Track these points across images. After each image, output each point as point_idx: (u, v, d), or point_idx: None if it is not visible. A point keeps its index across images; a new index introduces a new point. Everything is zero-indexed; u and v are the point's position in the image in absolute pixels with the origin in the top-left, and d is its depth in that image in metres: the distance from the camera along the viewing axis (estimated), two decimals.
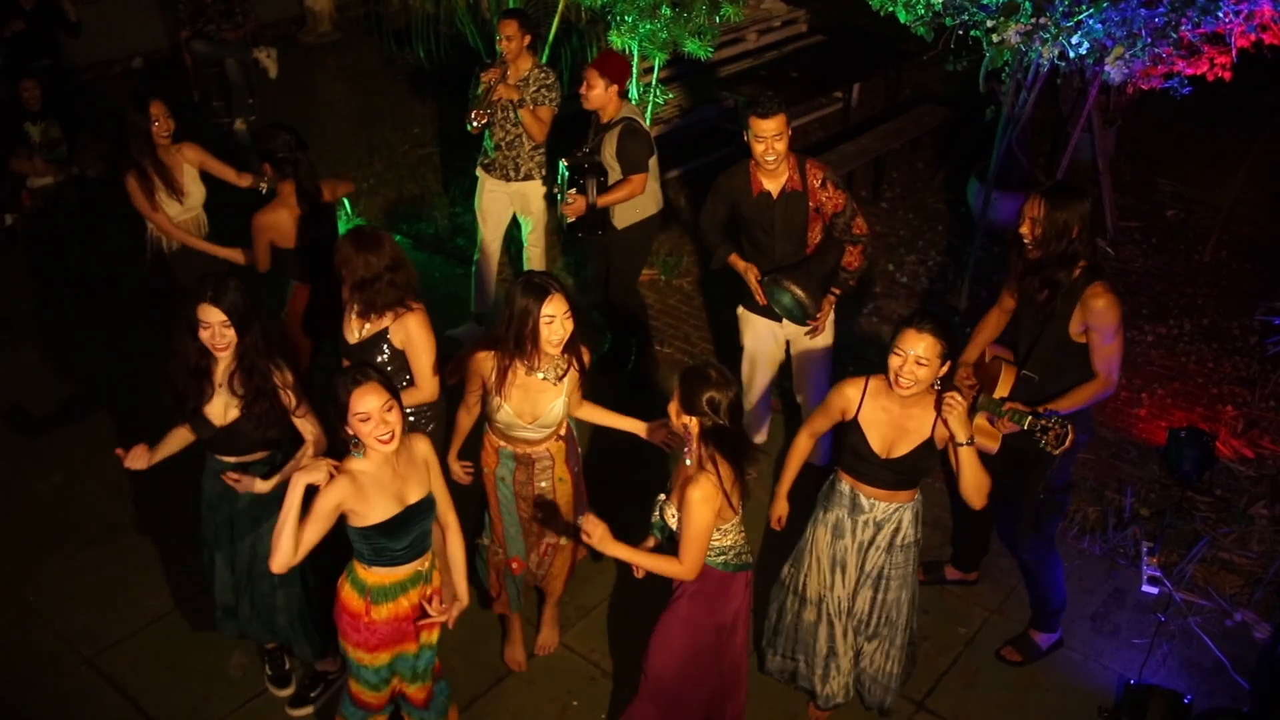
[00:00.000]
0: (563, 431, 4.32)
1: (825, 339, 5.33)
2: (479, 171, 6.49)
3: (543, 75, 6.16)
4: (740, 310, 5.46)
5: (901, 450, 3.96)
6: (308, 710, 4.57)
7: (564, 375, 4.09)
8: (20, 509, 5.58)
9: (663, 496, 3.86)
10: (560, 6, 7.81)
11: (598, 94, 5.73)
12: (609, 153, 5.80)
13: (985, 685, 4.72)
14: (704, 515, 3.57)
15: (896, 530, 4.11)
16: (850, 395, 4.02)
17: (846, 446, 4.07)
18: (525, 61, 6.15)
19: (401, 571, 3.76)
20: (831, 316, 5.29)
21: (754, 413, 5.79)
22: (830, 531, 4.18)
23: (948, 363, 3.82)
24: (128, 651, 4.83)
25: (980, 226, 7.11)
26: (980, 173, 7.76)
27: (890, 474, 4.00)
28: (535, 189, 6.43)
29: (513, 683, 4.71)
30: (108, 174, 8.49)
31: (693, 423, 3.54)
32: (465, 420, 4.36)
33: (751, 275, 5.19)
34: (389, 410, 3.49)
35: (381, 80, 10.57)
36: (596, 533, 3.58)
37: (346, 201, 8.15)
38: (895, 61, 9.73)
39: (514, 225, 6.65)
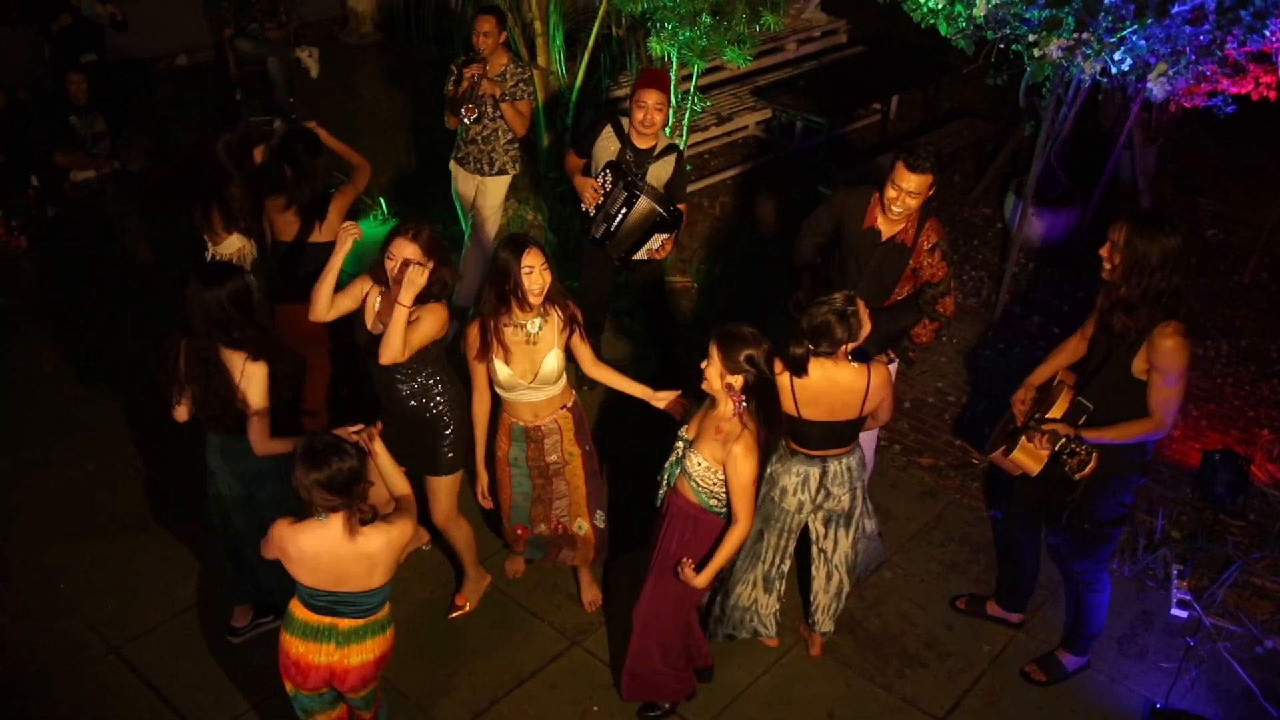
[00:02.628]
0: (569, 402, 4.51)
1: (891, 375, 5.16)
2: (451, 165, 6.59)
3: (519, 70, 6.27)
4: None
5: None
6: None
7: (548, 327, 4.30)
8: (53, 497, 5.65)
9: (680, 445, 4.07)
10: (600, 12, 7.82)
11: (664, 118, 5.49)
12: (658, 179, 5.61)
13: (1008, 704, 4.68)
14: (749, 467, 3.86)
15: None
16: None
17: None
18: (501, 57, 6.24)
19: (307, 614, 3.74)
20: (890, 374, 5.16)
21: None
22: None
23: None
24: (154, 642, 4.88)
25: (1016, 242, 7.06)
26: (1018, 188, 7.71)
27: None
28: (500, 181, 6.52)
29: (534, 686, 4.72)
30: (149, 169, 8.61)
31: (737, 380, 3.80)
32: (481, 409, 4.50)
33: (798, 295, 5.06)
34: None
35: (421, 81, 10.61)
36: (695, 577, 4.01)
37: (383, 202, 8.20)
38: (935, 74, 9.68)
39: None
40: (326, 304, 4.28)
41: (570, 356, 4.47)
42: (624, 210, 5.50)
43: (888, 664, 4.86)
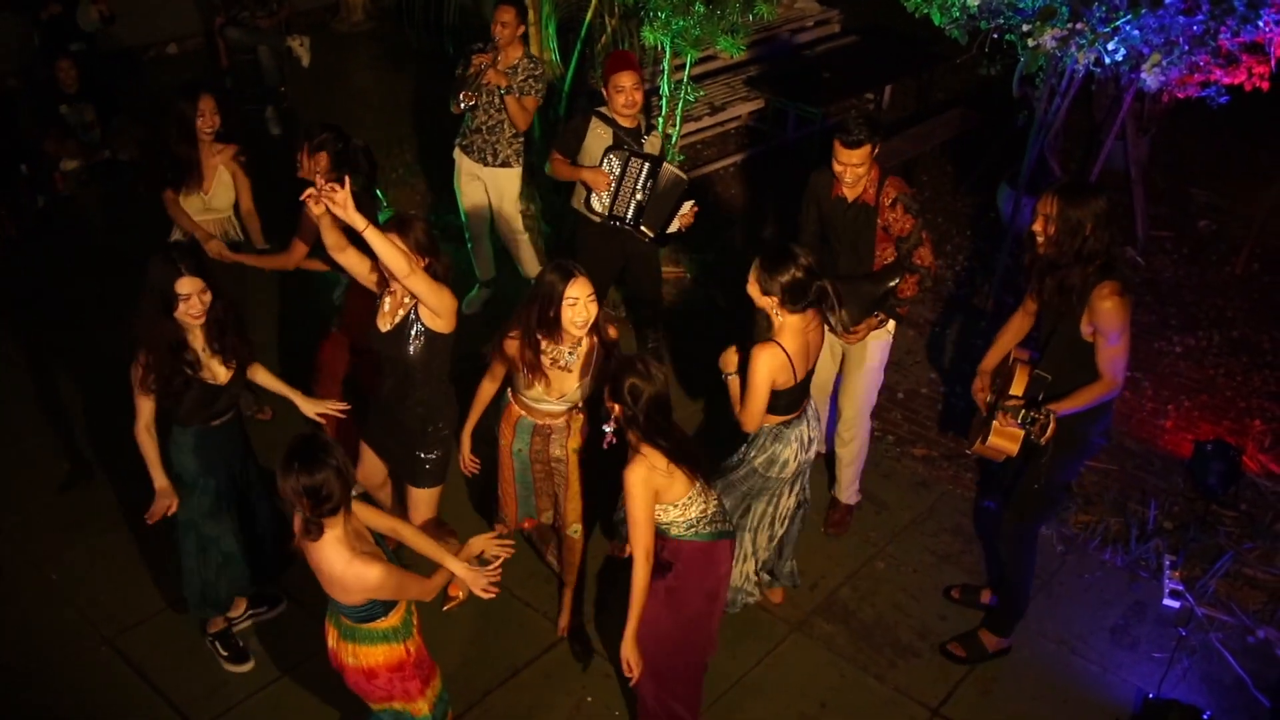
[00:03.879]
0: (580, 402, 4.46)
1: (876, 354, 5.19)
2: (456, 153, 6.56)
3: (531, 65, 6.22)
4: None
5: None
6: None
7: (581, 353, 4.24)
8: (45, 488, 5.63)
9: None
10: (594, 1, 7.79)
11: (643, 95, 5.54)
12: (654, 152, 5.70)
13: (1001, 694, 4.70)
14: (636, 495, 3.75)
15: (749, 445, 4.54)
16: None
17: None
18: (516, 50, 6.20)
19: None
20: (888, 338, 5.16)
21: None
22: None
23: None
24: (147, 633, 4.87)
25: (1010, 232, 7.06)
26: (1011, 178, 7.71)
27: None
28: (510, 176, 6.49)
29: (528, 676, 4.73)
30: (140, 158, 8.56)
31: (616, 409, 3.76)
32: (488, 389, 4.50)
33: None
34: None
35: (413, 70, 10.58)
36: (634, 665, 3.92)
37: (379, 192, 8.16)
38: (928, 64, 9.67)
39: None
40: (335, 242, 4.11)
41: None
42: (650, 182, 5.53)
43: (881, 654, 4.87)
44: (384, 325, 4.32)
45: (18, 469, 5.75)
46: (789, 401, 4.35)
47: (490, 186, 6.54)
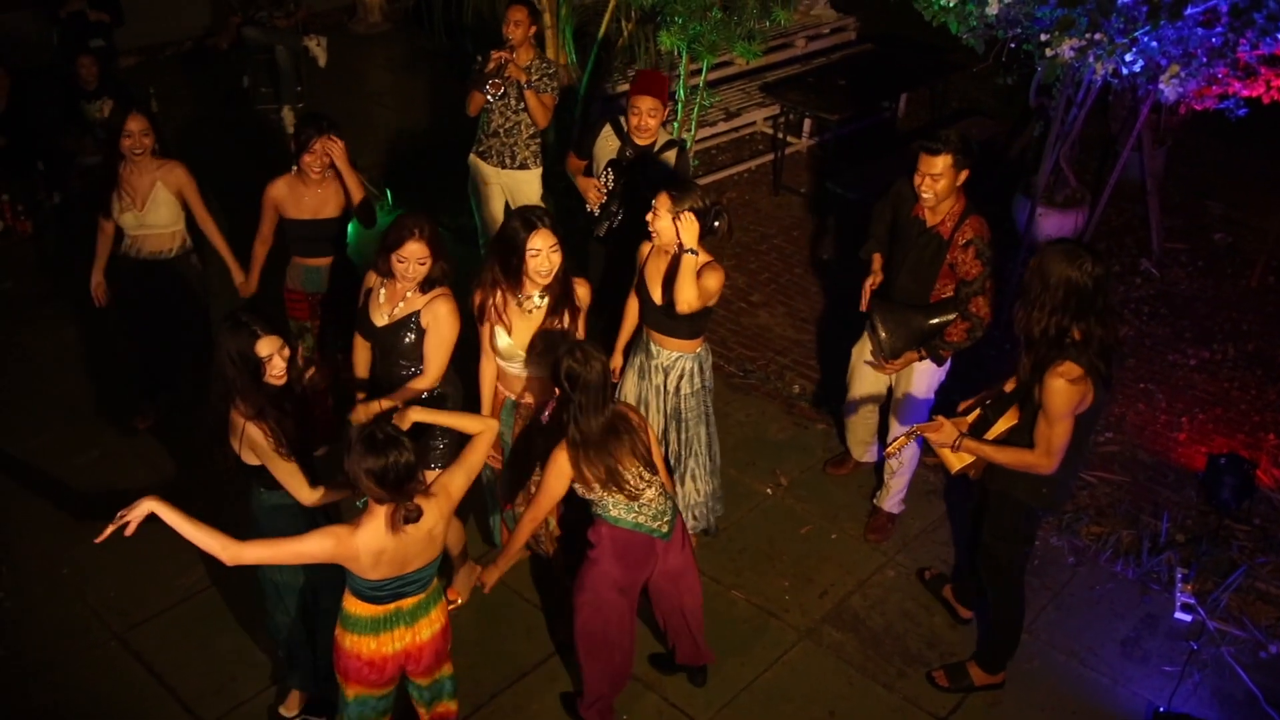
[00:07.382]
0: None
1: (922, 383, 5.14)
2: (472, 159, 6.53)
3: (544, 65, 6.25)
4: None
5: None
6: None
7: (553, 303, 4.30)
8: (58, 483, 5.65)
9: None
10: (610, 6, 7.81)
11: (658, 122, 5.47)
12: (660, 173, 5.62)
13: (1010, 706, 4.68)
14: (557, 474, 3.91)
15: (681, 376, 4.76)
16: (642, 251, 4.78)
17: (639, 298, 4.81)
18: (529, 51, 6.22)
19: (374, 609, 3.70)
20: (937, 372, 5.11)
21: (853, 431, 5.70)
22: (635, 372, 4.90)
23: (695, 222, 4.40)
24: (157, 628, 4.89)
25: (1025, 243, 7.04)
26: (1027, 188, 7.69)
27: (668, 319, 4.62)
28: (528, 177, 6.46)
29: (535, 679, 4.72)
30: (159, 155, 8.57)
31: (557, 390, 3.89)
32: (488, 373, 4.54)
33: (869, 281, 5.11)
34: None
35: (429, 72, 10.62)
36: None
37: (389, 193, 8.19)
38: (944, 73, 9.66)
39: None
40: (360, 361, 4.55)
41: None
42: (624, 210, 5.55)
43: (890, 663, 4.85)
44: (379, 319, 4.36)
45: (30, 463, 5.76)
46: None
47: (508, 189, 6.52)
